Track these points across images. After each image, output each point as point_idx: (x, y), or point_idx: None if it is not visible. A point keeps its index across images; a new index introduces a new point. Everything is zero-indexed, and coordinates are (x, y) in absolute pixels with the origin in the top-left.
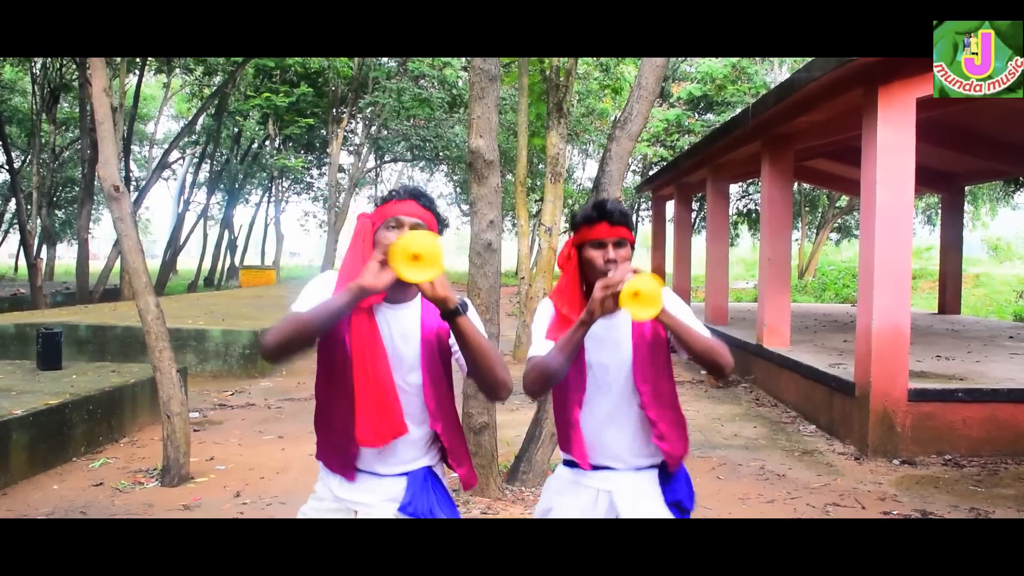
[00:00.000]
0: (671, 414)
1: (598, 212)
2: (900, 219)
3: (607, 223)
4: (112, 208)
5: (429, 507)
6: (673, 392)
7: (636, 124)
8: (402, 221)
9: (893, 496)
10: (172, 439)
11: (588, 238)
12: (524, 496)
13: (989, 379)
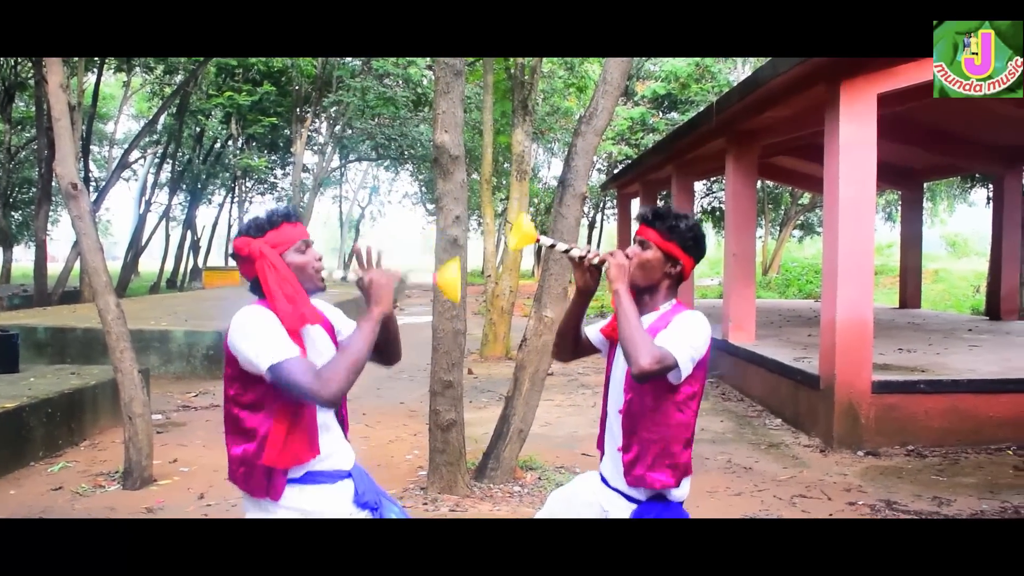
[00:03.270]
0: (649, 436)
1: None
2: (863, 213)
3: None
4: (70, 206)
5: (377, 499)
6: (665, 417)
7: (602, 119)
8: (309, 242)
9: (858, 487)
10: (134, 441)
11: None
12: (492, 493)
13: (950, 371)
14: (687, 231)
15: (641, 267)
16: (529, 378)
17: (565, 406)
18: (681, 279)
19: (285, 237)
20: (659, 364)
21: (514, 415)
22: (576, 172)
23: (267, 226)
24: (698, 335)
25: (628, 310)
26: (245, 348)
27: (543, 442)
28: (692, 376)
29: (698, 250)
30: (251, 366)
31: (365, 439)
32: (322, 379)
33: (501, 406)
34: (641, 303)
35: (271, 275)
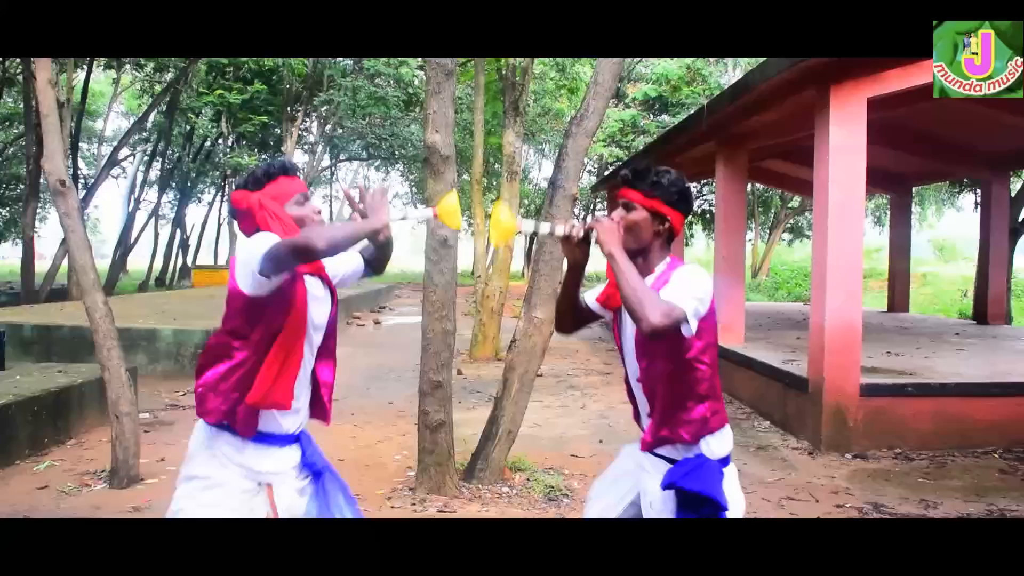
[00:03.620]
0: (666, 393)
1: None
2: (852, 217)
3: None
4: (58, 203)
5: (323, 464)
6: (682, 375)
7: (592, 120)
8: (307, 195)
9: (846, 490)
10: (121, 440)
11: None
12: (481, 494)
13: (937, 374)
14: (670, 186)
15: (629, 230)
16: (518, 379)
17: (555, 407)
18: (672, 236)
19: (283, 190)
20: (669, 318)
21: (503, 416)
22: (566, 173)
23: (264, 179)
24: (700, 285)
25: (626, 270)
26: (247, 250)
27: (532, 443)
28: (701, 329)
29: (685, 203)
30: (249, 265)
31: (353, 439)
32: (309, 230)
33: (490, 407)
34: (636, 267)
35: (274, 224)
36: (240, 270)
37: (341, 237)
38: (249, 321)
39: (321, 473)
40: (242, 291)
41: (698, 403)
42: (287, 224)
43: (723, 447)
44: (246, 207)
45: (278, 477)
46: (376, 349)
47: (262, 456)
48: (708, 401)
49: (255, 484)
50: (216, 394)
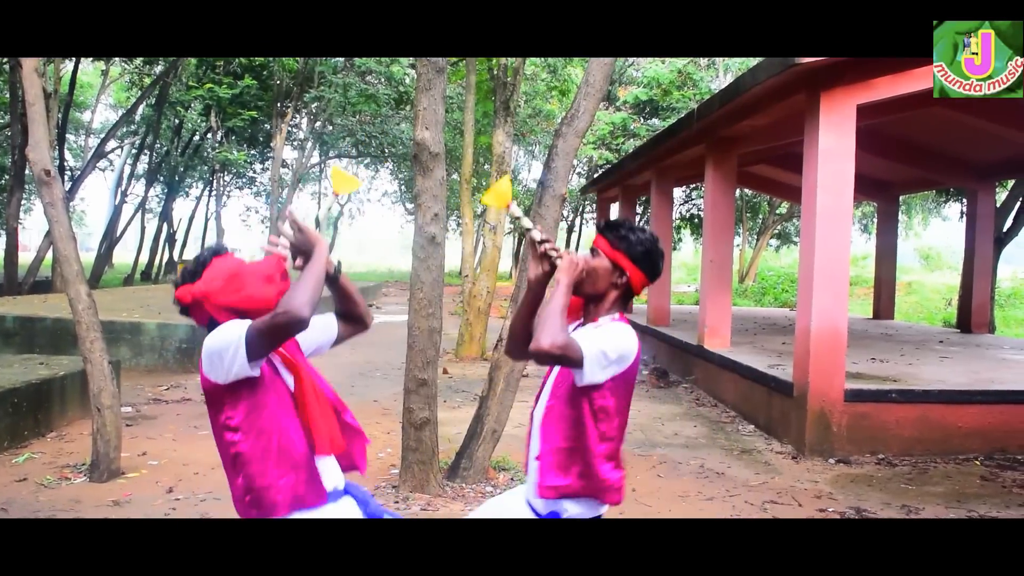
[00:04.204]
0: (562, 444)
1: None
2: (839, 223)
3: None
4: (43, 193)
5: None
6: (580, 425)
7: (583, 121)
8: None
9: (829, 494)
10: (102, 433)
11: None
12: (464, 493)
13: (921, 381)
14: (636, 243)
15: (588, 273)
16: (504, 378)
17: None
18: (630, 293)
19: (219, 270)
20: (559, 349)
21: (488, 415)
22: (556, 173)
23: (200, 268)
24: (617, 343)
25: (558, 297)
26: (217, 348)
27: (516, 443)
28: (606, 388)
29: (647, 263)
30: (231, 363)
31: None
32: (281, 303)
33: (475, 406)
34: (585, 312)
35: (220, 294)
36: (214, 362)
37: (312, 286)
38: (234, 404)
39: (379, 516)
40: (218, 383)
41: (601, 463)
42: (229, 281)
43: (577, 512)
44: (191, 300)
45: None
46: (362, 347)
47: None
48: (582, 464)
49: None
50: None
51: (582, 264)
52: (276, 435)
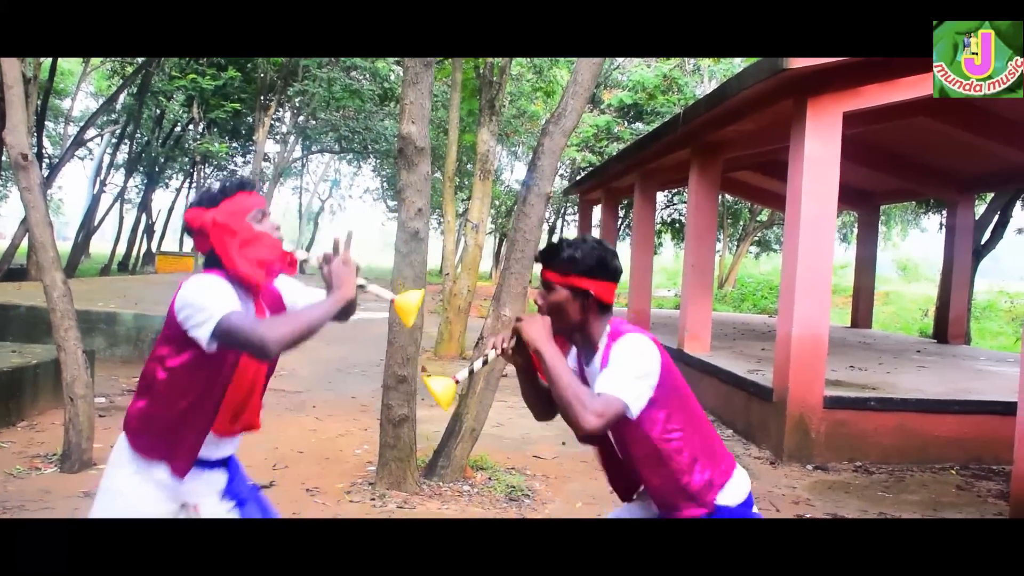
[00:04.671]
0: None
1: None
2: (823, 230)
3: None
4: (19, 178)
5: (249, 492)
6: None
7: (570, 120)
8: (266, 211)
9: (807, 500)
10: (75, 423)
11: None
12: (441, 491)
13: (899, 389)
14: (584, 258)
15: (553, 311)
16: (483, 377)
17: (517, 407)
18: (604, 306)
19: (240, 206)
20: (603, 419)
21: (467, 413)
22: (541, 172)
23: (220, 196)
24: (641, 361)
25: (553, 367)
26: (194, 304)
27: (494, 442)
28: (656, 400)
29: (605, 271)
30: (196, 324)
31: (313, 432)
32: (267, 326)
33: (453, 407)
34: (577, 343)
35: (230, 243)
36: (183, 309)
37: (304, 328)
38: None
39: (246, 502)
40: (178, 324)
41: (689, 473)
42: (245, 240)
43: (737, 494)
44: (199, 226)
45: (205, 499)
46: (339, 343)
47: (191, 479)
48: (699, 464)
49: (177, 506)
50: (154, 431)
51: (543, 312)
52: (193, 398)
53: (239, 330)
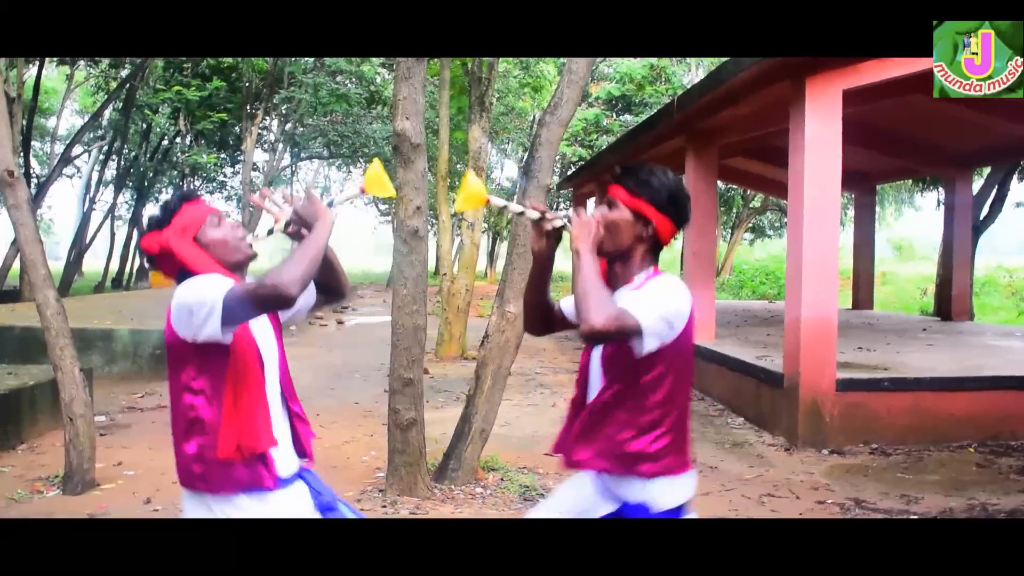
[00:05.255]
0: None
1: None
2: (827, 211)
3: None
4: (6, 195)
5: (332, 497)
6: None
7: (566, 110)
8: (219, 214)
9: (825, 486)
10: (75, 443)
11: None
12: (454, 495)
13: (911, 369)
14: (660, 187)
15: (607, 229)
16: (491, 375)
17: (524, 406)
18: (659, 245)
19: (191, 218)
20: (613, 323)
21: (476, 414)
22: (540, 164)
23: (167, 215)
24: (672, 300)
25: (586, 266)
26: (189, 305)
27: (504, 442)
28: (663, 352)
29: (674, 209)
30: (201, 322)
31: (318, 440)
32: (270, 274)
33: (459, 406)
34: (613, 275)
35: (196, 255)
36: (184, 317)
37: (309, 261)
38: (199, 367)
39: (333, 509)
40: (186, 339)
41: (648, 435)
42: (199, 254)
43: (669, 497)
44: (159, 249)
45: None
46: (339, 349)
47: (280, 505)
48: (659, 433)
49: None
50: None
51: (598, 223)
52: (245, 395)
53: (248, 294)
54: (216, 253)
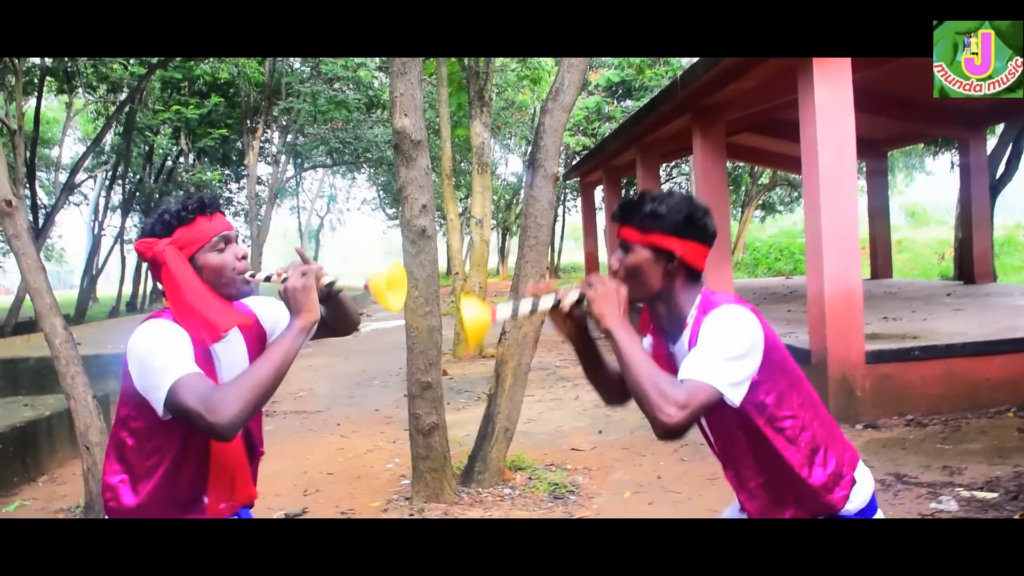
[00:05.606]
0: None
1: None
2: (844, 179)
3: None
4: (6, 225)
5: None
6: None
7: (569, 95)
8: (230, 237)
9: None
10: (93, 472)
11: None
12: (482, 498)
13: (941, 336)
14: (670, 212)
15: (632, 276)
16: (512, 373)
17: (547, 400)
18: (694, 272)
19: (198, 234)
20: (686, 411)
21: (498, 413)
22: (546, 152)
23: (176, 223)
24: (735, 340)
25: (625, 348)
26: (144, 362)
27: (528, 440)
28: (761, 382)
29: (693, 229)
30: (147, 388)
31: (340, 451)
32: (211, 403)
33: (480, 406)
34: (659, 318)
35: (178, 283)
36: (133, 366)
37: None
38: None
39: None
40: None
41: (810, 466)
42: (191, 282)
43: (862, 496)
44: (151, 257)
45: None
46: (356, 356)
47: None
48: (821, 455)
49: None
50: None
51: (617, 286)
52: (169, 462)
53: (187, 407)
54: (208, 278)
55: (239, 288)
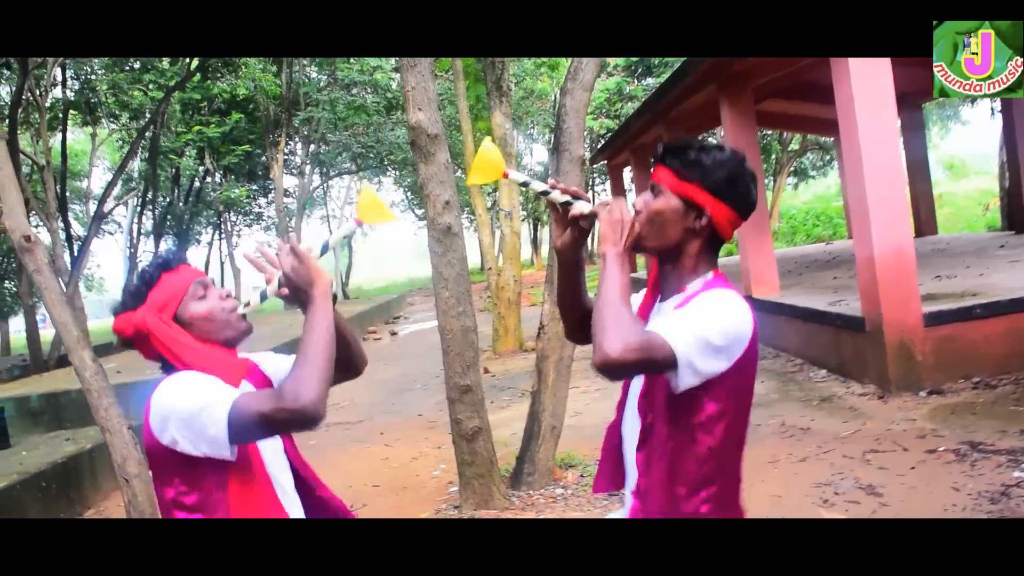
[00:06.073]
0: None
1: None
2: (886, 135)
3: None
4: (27, 261)
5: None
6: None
7: (589, 73)
8: (206, 282)
9: (933, 431)
10: (134, 504)
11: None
12: (533, 500)
13: (1002, 290)
14: (715, 166)
15: (652, 221)
16: (553, 367)
17: (591, 391)
18: (717, 239)
19: (172, 289)
20: (636, 353)
21: (543, 411)
22: (570, 134)
23: (144, 288)
24: (719, 321)
25: (609, 278)
26: (183, 414)
27: (577, 434)
28: (716, 388)
29: (735, 193)
30: (198, 437)
31: (385, 460)
32: (284, 396)
33: (525, 403)
34: (664, 277)
35: (173, 347)
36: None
37: (323, 360)
38: (191, 482)
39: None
40: (174, 449)
41: (692, 492)
42: (184, 341)
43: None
44: (132, 333)
45: None
46: (396, 361)
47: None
48: (705, 490)
49: None
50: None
51: (632, 220)
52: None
53: (261, 417)
54: (201, 331)
55: (236, 327)
